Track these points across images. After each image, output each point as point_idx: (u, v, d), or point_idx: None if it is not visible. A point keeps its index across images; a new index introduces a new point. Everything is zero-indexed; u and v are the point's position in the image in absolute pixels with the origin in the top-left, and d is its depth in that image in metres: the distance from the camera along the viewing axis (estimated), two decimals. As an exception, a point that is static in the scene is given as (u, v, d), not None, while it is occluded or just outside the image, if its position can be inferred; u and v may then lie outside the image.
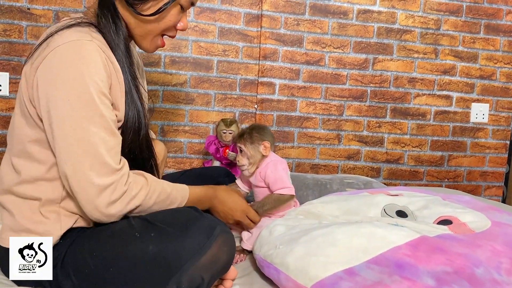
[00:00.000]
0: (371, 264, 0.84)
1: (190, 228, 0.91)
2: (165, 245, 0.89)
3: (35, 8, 2.01)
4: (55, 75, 0.90)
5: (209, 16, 2.16)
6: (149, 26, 1.05)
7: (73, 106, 0.89)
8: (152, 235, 0.91)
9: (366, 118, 2.38)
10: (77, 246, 0.95)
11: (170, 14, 1.05)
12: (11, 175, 0.99)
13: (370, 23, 2.32)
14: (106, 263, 0.92)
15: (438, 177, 2.48)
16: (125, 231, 0.94)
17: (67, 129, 0.89)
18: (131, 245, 0.91)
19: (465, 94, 2.45)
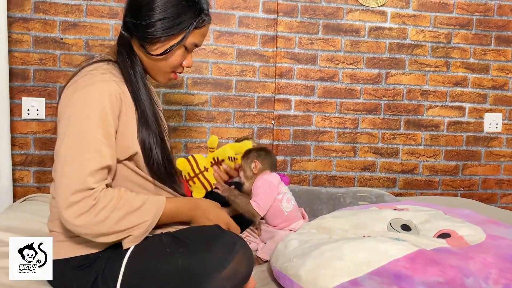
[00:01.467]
0: (373, 276, 0.95)
1: (214, 244, 1.03)
2: (192, 260, 1.02)
3: (67, 38, 2.18)
4: (68, 100, 1.07)
5: (227, 39, 2.29)
6: (159, 64, 1.21)
7: (70, 126, 1.03)
8: (180, 250, 1.04)
9: (381, 131, 2.46)
10: (115, 259, 1.08)
11: (175, 55, 1.19)
12: None
13: (382, 39, 2.41)
14: (140, 276, 1.05)
15: (453, 186, 2.54)
16: (156, 246, 1.07)
17: (60, 144, 1.04)
18: (162, 260, 1.04)
19: (477, 104, 2.51)
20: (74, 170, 1.00)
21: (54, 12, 2.16)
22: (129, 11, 1.17)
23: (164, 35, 1.14)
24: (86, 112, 1.03)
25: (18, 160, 2.19)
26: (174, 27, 1.14)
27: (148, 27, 1.13)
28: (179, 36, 1.16)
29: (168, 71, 1.23)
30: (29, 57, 2.16)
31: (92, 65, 1.13)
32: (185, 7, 1.16)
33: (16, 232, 1.48)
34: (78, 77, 1.10)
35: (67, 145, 1.02)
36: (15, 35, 2.13)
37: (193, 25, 1.16)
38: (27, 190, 2.20)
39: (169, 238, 1.10)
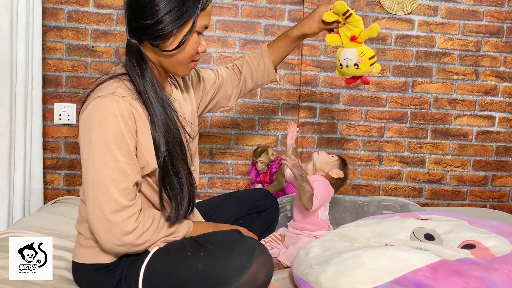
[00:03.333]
0: (394, 284, 0.94)
1: (234, 249, 1.05)
2: (212, 264, 1.03)
3: (98, 46, 2.26)
4: (84, 125, 1.07)
5: (253, 47, 2.32)
6: (177, 57, 1.16)
7: (91, 151, 1.04)
8: (201, 254, 1.06)
9: (407, 139, 2.43)
10: (138, 262, 1.11)
11: (190, 43, 1.15)
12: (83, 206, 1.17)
13: (409, 47, 2.39)
14: (161, 278, 1.07)
15: (482, 197, 2.48)
16: (178, 250, 1.10)
17: (86, 170, 1.06)
18: (183, 263, 1.06)
19: (508, 113, 2.45)
20: (104, 193, 1.03)
21: (86, 21, 2.23)
22: (133, 16, 1.14)
23: (175, 27, 1.11)
24: (102, 136, 1.04)
25: (49, 164, 2.26)
26: (182, 16, 1.11)
27: (157, 24, 1.10)
28: (189, 23, 1.13)
29: (188, 62, 1.20)
30: (62, 64, 2.24)
31: (103, 84, 1.12)
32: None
33: (46, 233, 1.53)
34: (89, 100, 1.10)
35: (92, 170, 1.05)
36: (49, 43, 2.22)
37: (199, 7, 1.13)
38: (57, 192, 2.28)
39: (190, 242, 1.12)
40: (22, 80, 2.01)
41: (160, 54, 1.16)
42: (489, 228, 1.20)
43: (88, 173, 1.05)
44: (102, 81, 1.13)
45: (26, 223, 1.65)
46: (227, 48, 2.32)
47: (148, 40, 1.14)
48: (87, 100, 1.10)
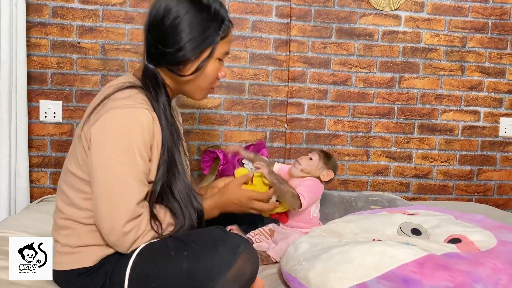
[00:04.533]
0: (381, 280, 0.95)
1: (218, 246, 1.05)
2: (197, 262, 1.03)
3: (84, 42, 2.23)
4: (107, 134, 1.06)
5: (241, 43, 2.31)
6: (195, 82, 1.20)
7: (117, 160, 1.06)
8: (185, 253, 1.06)
9: (394, 135, 2.45)
10: (123, 263, 1.10)
11: (209, 69, 1.19)
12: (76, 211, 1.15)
13: (395, 43, 2.40)
14: (147, 278, 1.07)
15: (468, 191, 2.52)
16: (162, 250, 1.09)
17: (102, 175, 1.06)
18: (168, 263, 1.06)
19: (493, 109, 2.48)
20: (124, 201, 1.06)
21: (72, 17, 2.20)
22: (153, 42, 1.15)
23: (194, 55, 1.14)
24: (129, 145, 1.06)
25: (35, 162, 2.23)
26: (202, 44, 1.15)
27: (177, 52, 1.13)
28: (207, 50, 1.16)
29: (206, 87, 1.24)
30: (46, 61, 2.21)
31: (125, 92, 1.12)
32: (208, 21, 1.16)
33: (32, 233, 1.51)
34: (111, 104, 1.08)
35: (112, 175, 1.06)
36: (33, 39, 2.18)
37: (219, 35, 1.17)
38: (43, 191, 2.25)
39: (174, 241, 1.11)
40: (6, 77, 1.98)
41: (177, 78, 1.19)
42: (475, 222, 1.22)
43: (104, 178, 1.06)
44: (124, 87, 1.13)
45: (12, 223, 1.63)
46: (215, 44, 2.30)
47: (165, 65, 1.17)
48: (108, 103, 1.09)
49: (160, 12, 1.14)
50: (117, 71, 2.26)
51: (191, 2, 1.16)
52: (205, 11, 1.17)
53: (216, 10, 1.19)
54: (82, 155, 1.11)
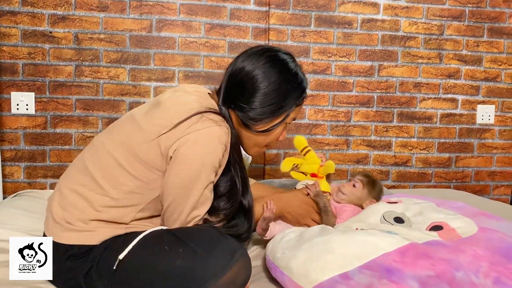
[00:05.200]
0: (363, 269, 0.94)
1: (214, 249, 1.01)
2: (191, 262, 1.00)
3: (56, 32, 2.15)
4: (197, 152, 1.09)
5: (219, 32, 2.27)
6: (258, 139, 1.24)
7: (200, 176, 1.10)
8: (180, 250, 1.02)
9: (374, 123, 2.46)
10: (113, 251, 1.07)
11: (277, 131, 1.23)
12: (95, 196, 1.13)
13: (375, 32, 2.40)
14: (136, 271, 1.03)
15: (446, 178, 2.55)
16: (156, 243, 1.06)
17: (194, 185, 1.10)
18: (160, 258, 1.02)
19: (470, 96, 2.51)
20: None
21: (43, 5, 2.13)
22: (234, 91, 1.18)
23: (270, 118, 1.18)
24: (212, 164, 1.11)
25: (8, 156, 2.16)
26: (279, 110, 1.18)
27: (255, 110, 1.16)
28: (282, 116, 1.20)
29: (263, 146, 1.27)
30: (17, 51, 2.13)
31: (215, 115, 1.14)
32: (290, 90, 1.19)
33: (6, 228, 1.46)
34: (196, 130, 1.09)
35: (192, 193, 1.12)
36: (2, 28, 2.10)
37: (296, 104, 1.21)
38: (17, 185, 2.18)
39: (169, 236, 1.08)
40: (-26, 69, 1.90)
41: (246, 130, 1.22)
42: (455, 209, 1.23)
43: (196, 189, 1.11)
44: (208, 111, 1.14)
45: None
46: (192, 33, 2.26)
47: (238, 114, 1.19)
48: (191, 128, 1.09)
49: (250, 73, 1.17)
50: (92, 61, 2.19)
51: (280, 71, 1.18)
52: (291, 81, 1.19)
53: (300, 80, 1.22)
54: (151, 158, 1.11)
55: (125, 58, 2.22)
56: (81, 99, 2.21)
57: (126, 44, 2.22)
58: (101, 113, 2.23)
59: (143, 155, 1.11)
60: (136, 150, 1.11)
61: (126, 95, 2.24)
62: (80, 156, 1.23)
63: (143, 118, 1.16)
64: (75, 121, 2.21)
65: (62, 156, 2.22)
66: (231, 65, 1.22)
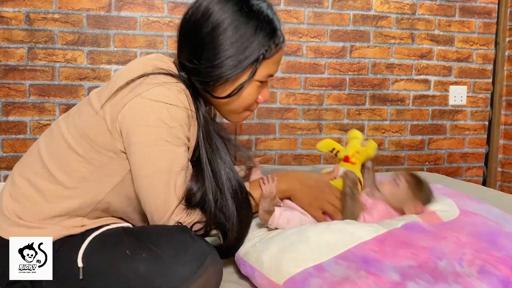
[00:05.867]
0: (339, 260, 0.86)
1: (182, 255, 0.90)
2: (156, 269, 0.88)
3: (5, 11, 1.98)
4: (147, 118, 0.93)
5: (182, 11, 2.13)
6: (230, 105, 1.04)
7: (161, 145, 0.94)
8: (143, 255, 0.90)
9: (346, 106, 2.39)
10: (63, 254, 0.95)
11: (246, 92, 1.01)
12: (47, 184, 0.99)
13: (346, 11, 2.32)
14: (92, 278, 0.92)
15: (419, 161, 2.52)
16: (115, 245, 0.94)
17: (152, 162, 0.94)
18: (122, 262, 0.91)
19: (442, 77, 2.47)
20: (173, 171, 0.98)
21: (-12, -18, 1.95)
22: (185, 52, 0.99)
23: (232, 75, 0.97)
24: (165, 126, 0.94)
25: (-44, 147, 1.99)
26: (241, 63, 0.97)
27: (212, 69, 0.96)
28: (248, 71, 0.98)
29: (240, 111, 1.07)
30: (-39, 32, 1.95)
31: (168, 77, 0.96)
32: (254, 33, 0.96)
33: None
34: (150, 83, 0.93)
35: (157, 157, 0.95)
36: None
37: (264, 55, 0.97)
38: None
39: (130, 238, 0.95)
40: None
41: (210, 97, 1.03)
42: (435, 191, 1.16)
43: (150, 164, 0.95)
44: (159, 72, 0.96)
45: None
46: (154, 12, 2.12)
47: (197, 81, 0.99)
48: (135, 90, 0.93)
49: (198, 16, 0.96)
50: (46, 43, 2.03)
51: (237, 6, 0.96)
52: (254, 19, 0.96)
53: (266, 18, 0.98)
54: (99, 136, 0.97)
55: (82, 39, 2.06)
56: (36, 85, 2.05)
57: (83, 24, 2.06)
58: (58, 99, 2.07)
59: (90, 132, 0.97)
60: (84, 128, 0.98)
61: (85, 79, 2.09)
62: (36, 141, 1.09)
63: (95, 92, 1.03)
64: (29, 108, 2.05)
65: (17, 146, 2.06)
66: (181, 21, 1.03)
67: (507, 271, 0.82)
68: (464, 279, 0.80)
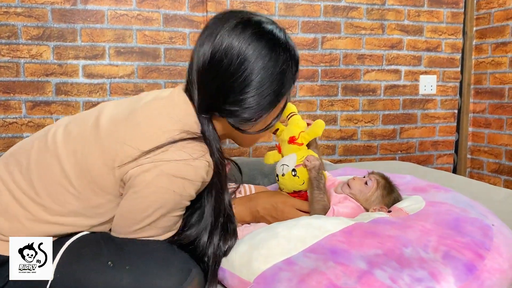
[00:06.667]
0: (308, 253, 0.87)
1: (166, 269, 0.88)
2: (140, 282, 0.86)
3: (-36, 5, 1.91)
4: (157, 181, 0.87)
5: (152, 3, 2.10)
6: (254, 137, 1.02)
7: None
8: (127, 267, 0.87)
9: (319, 98, 2.40)
10: None
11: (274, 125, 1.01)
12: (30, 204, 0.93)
13: (317, 2, 2.32)
14: (73, 283, 0.88)
15: (392, 150, 2.55)
16: (95, 256, 0.90)
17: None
18: (104, 274, 0.87)
19: (413, 67, 2.51)
20: None
21: None
22: (211, 92, 0.91)
23: (267, 112, 0.93)
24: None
25: None
26: (277, 99, 0.92)
27: (245, 110, 0.90)
28: (281, 104, 0.96)
29: (258, 139, 1.07)
30: None
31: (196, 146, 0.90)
32: (286, 68, 0.92)
33: None
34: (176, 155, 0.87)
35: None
36: None
37: (293, 81, 0.96)
38: None
39: (111, 248, 0.91)
40: None
41: (237, 131, 0.96)
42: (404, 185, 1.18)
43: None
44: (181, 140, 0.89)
45: None
46: (122, 5, 2.08)
47: (227, 119, 0.93)
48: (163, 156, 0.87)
49: (232, 63, 0.88)
50: (9, 38, 1.96)
51: (270, 47, 0.90)
52: (285, 57, 0.92)
53: (292, 50, 0.95)
54: (104, 177, 0.90)
55: (48, 34, 2.01)
56: (0, 81, 1.98)
57: (48, 18, 2.00)
58: (24, 96, 2.01)
59: (94, 173, 0.90)
60: (88, 165, 0.90)
61: (52, 75, 2.03)
62: (29, 144, 0.99)
63: (108, 127, 0.93)
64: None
65: (-18, 145, 2.00)
66: (197, 55, 0.91)
67: (471, 255, 0.84)
68: (429, 264, 0.81)
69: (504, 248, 0.89)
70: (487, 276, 0.81)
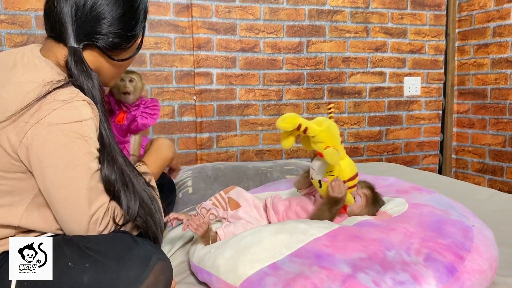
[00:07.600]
0: (293, 257, 0.88)
1: (125, 259, 0.89)
2: (100, 277, 0.87)
3: None
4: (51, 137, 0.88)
5: None
6: (119, 69, 1.08)
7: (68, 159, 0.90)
8: (86, 266, 0.88)
9: (305, 101, 2.42)
10: (6, 271, 0.92)
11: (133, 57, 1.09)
12: None
13: (301, 6, 2.34)
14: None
15: (378, 151, 2.58)
16: (56, 259, 0.91)
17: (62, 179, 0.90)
18: (64, 276, 0.88)
19: (397, 69, 2.54)
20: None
21: None
22: (83, 20, 0.95)
23: (128, 42, 1.02)
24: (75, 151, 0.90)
25: None
26: (132, 31, 1.02)
27: (112, 35, 0.98)
28: (137, 38, 1.06)
29: (119, 75, 1.15)
30: None
31: (65, 90, 0.90)
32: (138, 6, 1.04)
33: None
34: (51, 105, 0.87)
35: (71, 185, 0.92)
36: None
37: (143, 25, 1.07)
38: None
39: (71, 249, 0.92)
40: None
41: (108, 62, 1.03)
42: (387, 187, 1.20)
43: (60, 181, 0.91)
44: (60, 86, 0.90)
45: None
46: None
47: (101, 48, 0.98)
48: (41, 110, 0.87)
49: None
50: (-7, 45, 1.95)
51: None
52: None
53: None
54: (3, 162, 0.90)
55: (31, 41, 1.99)
56: (-16, 89, 1.97)
57: (32, 25, 1.99)
58: (8, 103, 2.00)
59: None
60: None
61: (37, 82, 2.02)
62: None
63: None
64: (-22, 114, 1.97)
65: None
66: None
67: (451, 257, 0.86)
68: (412, 267, 0.83)
69: (484, 248, 0.91)
70: (467, 277, 0.83)
